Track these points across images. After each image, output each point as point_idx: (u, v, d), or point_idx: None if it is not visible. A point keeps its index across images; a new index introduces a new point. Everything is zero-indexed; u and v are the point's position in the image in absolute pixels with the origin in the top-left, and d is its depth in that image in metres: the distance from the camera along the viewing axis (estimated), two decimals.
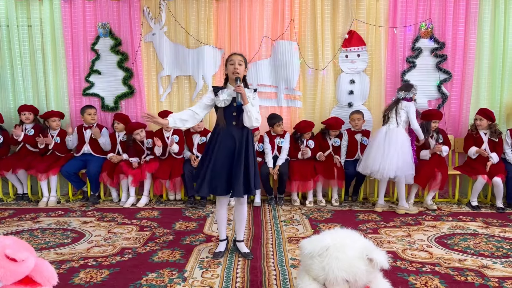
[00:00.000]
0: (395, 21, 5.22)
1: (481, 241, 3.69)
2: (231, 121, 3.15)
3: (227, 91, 3.15)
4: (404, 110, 4.58)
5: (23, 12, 5.35)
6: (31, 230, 4.00)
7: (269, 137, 5.12)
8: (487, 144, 4.90)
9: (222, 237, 3.39)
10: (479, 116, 4.89)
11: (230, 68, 3.13)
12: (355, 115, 5.11)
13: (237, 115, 3.14)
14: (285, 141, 5.09)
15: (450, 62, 5.24)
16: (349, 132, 5.16)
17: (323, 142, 5.17)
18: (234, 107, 3.13)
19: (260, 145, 5.12)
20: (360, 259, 1.83)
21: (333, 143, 5.16)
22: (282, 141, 5.08)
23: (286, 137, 5.11)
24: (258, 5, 5.23)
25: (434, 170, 4.78)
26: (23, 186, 5.21)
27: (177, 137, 5.05)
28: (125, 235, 3.85)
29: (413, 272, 3.01)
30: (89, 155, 5.14)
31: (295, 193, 5.04)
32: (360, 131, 5.14)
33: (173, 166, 4.97)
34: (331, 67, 5.33)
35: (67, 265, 3.11)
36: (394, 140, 4.48)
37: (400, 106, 4.59)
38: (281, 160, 5.02)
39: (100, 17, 5.34)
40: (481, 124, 4.87)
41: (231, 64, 3.13)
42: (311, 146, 5.10)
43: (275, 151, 5.09)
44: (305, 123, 5.11)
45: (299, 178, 4.91)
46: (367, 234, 3.86)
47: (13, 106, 5.48)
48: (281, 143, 5.07)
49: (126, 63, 5.38)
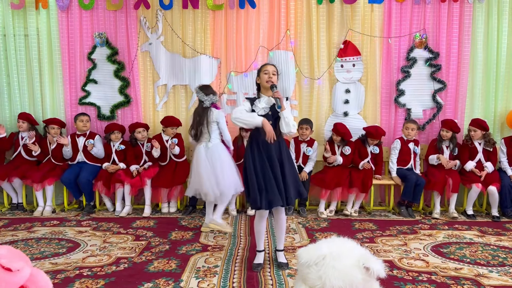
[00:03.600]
0: (390, 31, 5.27)
1: (477, 250, 3.70)
2: None
3: (263, 99, 3.19)
4: (215, 122, 4.15)
5: (20, 21, 5.36)
6: (26, 239, 3.97)
7: (295, 143, 5.07)
8: (481, 154, 4.93)
9: (260, 248, 3.35)
10: (472, 127, 4.92)
11: (264, 77, 3.17)
12: (410, 124, 5.03)
13: (273, 124, 3.14)
14: (313, 151, 5.04)
15: (444, 72, 5.29)
16: (402, 140, 5.09)
17: (362, 149, 5.08)
18: (270, 116, 3.15)
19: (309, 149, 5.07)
20: (357, 268, 1.82)
21: (372, 150, 5.09)
22: (310, 150, 5.03)
23: (314, 147, 5.05)
24: (255, 15, 5.27)
25: (445, 177, 4.84)
26: (17, 196, 5.17)
27: (176, 140, 5.06)
28: (120, 244, 3.83)
29: (409, 281, 3.01)
30: (83, 163, 5.13)
31: (323, 202, 4.93)
32: (412, 140, 5.08)
33: (174, 173, 4.95)
34: (326, 76, 5.37)
35: (62, 275, 3.09)
36: (217, 158, 4.08)
37: (212, 118, 4.12)
38: (309, 167, 4.98)
39: (97, 27, 5.36)
40: (475, 135, 4.90)
41: (265, 74, 3.17)
42: (347, 152, 5.03)
43: (299, 160, 5.03)
44: (343, 127, 5.01)
45: (324, 185, 4.85)
46: (363, 243, 3.86)
47: (9, 115, 5.46)
48: (308, 151, 5.02)
49: (122, 72, 5.39)
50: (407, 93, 5.31)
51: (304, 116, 5.35)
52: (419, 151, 5.12)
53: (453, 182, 4.81)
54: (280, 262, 3.29)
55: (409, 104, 5.33)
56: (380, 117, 5.38)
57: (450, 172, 4.93)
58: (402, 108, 5.35)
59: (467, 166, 4.92)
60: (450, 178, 4.84)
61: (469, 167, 4.90)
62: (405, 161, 5.08)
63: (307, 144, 5.05)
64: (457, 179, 4.85)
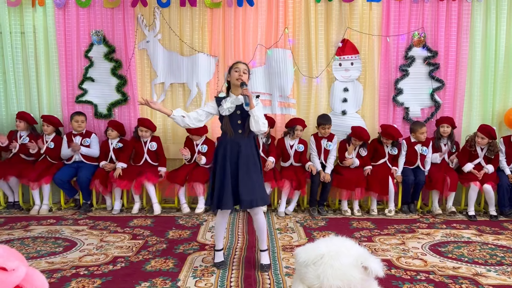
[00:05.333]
0: (388, 30, 5.26)
1: (475, 249, 3.70)
2: (236, 129, 3.12)
3: (230, 99, 3.13)
4: None
5: (16, 19, 5.32)
6: (22, 238, 3.95)
7: (315, 139, 5.05)
8: (482, 159, 4.91)
9: (218, 247, 3.30)
10: (481, 134, 4.78)
11: (234, 75, 3.09)
12: (423, 129, 4.96)
13: (242, 123, 3.11)
14: (333, 145, 5.01)
15: (442, 71, 5.29)
16: (408, 142, 5.06)
17: (379, 148, 5.06)
18: (238, 115, 3.10)
19: (300, 146, 5.05)
20: (355, 267, 1.81)
21: (390, 151, 5.05)
22: (330, 144, 4.99)
23: (334, 141, 5.02)
24: (253, 13, 5.24)
25: (444, 175, 4.84)
26: (14, 194, 5.14)
27: (206, 146, 5.04)
28: (117, 243, 3.81)
29: (407, 280, 3.01)
30: (81, 163, 5.09)
31: (345, 202, 4.92)
32: (419, 142, 5.04)
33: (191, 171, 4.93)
34: (325, 75, 5.35)
35: (58, 274, 3.07)
36: None
37: None
38: (330, 167, 4.95)
39: (94, 24, 5.32)
40: (482, 142, 4.80)
41: (235, 71, 3.10)
42: (363, 154, 5.03)
43: (321, 156, 5.00)
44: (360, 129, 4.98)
45: (344, 186, 4.83)
46: (361, 242, 3.85)
47: (5, 114, 5.43)
48: (329, 146, 4.98)
49: (119, 70, 5.36)
50: (405, 92, 5.30)
51: (302, 114, 5.33)
52: (428, 152, 5.03)
53: (451, 181, 4.81)
54: (261, 263, 3.19)
55: (407, 103, 5.33)
56: (378, 116, 5.37)
57: (448, 171, 4.93)
58: (400, 107, 5.34)
59: (465, 168, 4.88)
60: (448, 177, 4.83)
61: (467, 168, 4.87)
62: (410, 162, 5.07)
63: (327, 139, 5.02)
64: (455, 177, 4.85)
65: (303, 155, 5.08)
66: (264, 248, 3.25)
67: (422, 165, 5.06)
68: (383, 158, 5.06)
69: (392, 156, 5.08)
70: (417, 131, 4.99)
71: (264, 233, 3.25)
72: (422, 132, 4.97)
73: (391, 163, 5.08)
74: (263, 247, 3.25)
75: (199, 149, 5.05)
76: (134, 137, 5.14)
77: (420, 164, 5.05)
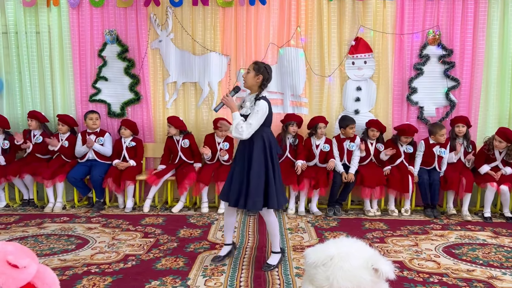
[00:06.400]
0: (402, 27, 5.19)
1: (490, 251, 3.62)
2: None
3: (249, 98, 3.23)
4: None
5: (31, 19, 5.39)
6: (36, 235, 4.00)
7: (337, 141, 5.03)
8: (500, 162, 4.79)
9: (227, 241, 3.38)
10: (499, 137, 4.66)
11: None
12: (443, 130, 4.89)
13: None
14: (356, 145, 4.98)
15: (458, 69, 5.19)
16: (426, 143, 5.00)
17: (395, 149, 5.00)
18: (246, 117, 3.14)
19: (326, 146, 5.02)
20: (365, 269, 1.79)
21: (405, 150, 5.01)
22: (353, 145, 4.97)
23: (356, 142, 4.99)
24: (265, 12, 5.23)
25: (459, 176, 4.76)
26: (29, 192, 5.22)
27: (227, 144, 5.06)
28: (129, 241, 3.83)
29: (420, 282, 2.96)
30: (94, 161, 5.14)
31: (368, 201, 4.89)
32: (438, 143, 4.96)
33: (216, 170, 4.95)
34: (337, 73, 5.31)
35: (70, 272, 3.10)
36: None
37: None
38: (354, 167, 4.91)
39: (107, 24, 5.37)
40: (500, 146, 4.68)
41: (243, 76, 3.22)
42: (381, 149, 5.00)
43: (344, 158, 4.99)
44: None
45: (366, 184, 4.79)
46: (373, 243, 3.81)
47: (20, 112, 5.51)
48: (352, 147, 4.97)
49: (132, 69, 5.39)
50: (419, 91, 5.22)
51: (314, 114, 5.28)
52: (446, 153, 4.96)
53: (466, 182, 4.71)
54: (266, 262, 3.25)
55: (422, 102, 5.25)
56: (392, 115, 5.30)
57: (464, 172, 4.84)
58: (415, 106, 5.26)
59: (481, 170, 4.79)
60: (464, 178, 4.74)
61: (483, 170, 4.77)
62: (427, 162, 4.99)
63: (350, 140, 5.00)
64: (471, 178, 4.75)
65: (328, 155, 5.03)
66: (273, 250, 3.29)
67: (439, 166, 4.98)
68: (400, 158, 5.01)
69: (409, 155, 5.02)
70: (436, 133, 4.91)
71: (274, 236, 3.26)
72: (442, 134, 4.89)
73: (408, 162, 5.02)
74: (273, 249, 3.31)
75: (221, 146, 5.06)
76: (169, 137, 5.19)
77: (437, 166, 4.98)
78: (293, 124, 5.01)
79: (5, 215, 4.75)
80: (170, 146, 5.17)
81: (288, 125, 5.00)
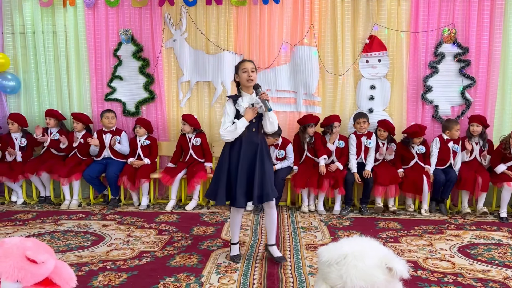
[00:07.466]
0: (417, 25, 5.14)
1: (506, 252, 3.57)
2: (251, 127, 3.17)
3: (245, 98, 3.17)
4: None
5: (48, 19, 5.49)
6: (53, 232, 4.08)
7: (356, 137, 4.99)
8: None
9: (234, 240, 3.40)
10: None
11: (243, 76, 3.12)
12: (456, 125, 4.88)
13: (257, 121, 3.18)
14: (373, 142, 4.96)
15: (474, 68, 5.13)
16: (441, 139, 4.97)
17: (406, 152, 4.96)
18: None
19: (341, 142, 5.01)
20: (379, 268, 1.79)
21: (417, 151, 4.95)
22: (370, 142, 4.95)
23: (373, 139, 4.98)
24: (278, 11, 5.23)
25: (475, 175, 4.71)
26: (45, 189, 5.32)
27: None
28: (143, 238, 3.88)
29: (434, 282, 2.94)
30: (109, 159, 5.21)
31: (379, 198, 4.87)
32: (452, 139, 4.95)
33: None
34: (351, 72, 5.28)
35: (86, 268, 3.15)
36: None
37: None
38: (370, 164, 4.91)
39: (122, 24, 5.43)
40: None
41: (244, 72, 3.12)
42: (394, 148, 4.97)
43: (361, 154, 4.97)
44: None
45: (379, 183, 4.77)
46: (387, 242, 3.79)
47: (37, 111, 5.61)
48: (369, 144, 4.94)
49: (147, 69, 5.45)
50: (434, 90, 5.17)
51: (327, 112, 5.28)
52: (460, 149, 4.92)
53: (482, 181, 4.66)
54: (277, 256, 3.28)
55: (437, 100, 5.19)
56: (407, 114, 5.26)
57: (480, 171, 4.78)
58: (430, 104, 5.21)
59: (498, 169, 4.72)
60: (480, 177, 4.69)
61: (500, 169, 4.71)
62: (443, 160, 4.94)
63: (367, 136, 4.99)
64: (486, 177, 4.69)
65: (343, 152, 5.02)
66: (273, 242, 3.35)
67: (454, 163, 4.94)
68: (413, 160, 4.95)
69: (422, 155, 4.97)
70: (452, 128, 4.88)
71: (275, 227, 3.35)
72: (457, 129, 4.88)
73: (422, 161, 4.97)
74: (272, 241, 3.35)
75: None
76: (181, 134, 5.23)
77: (453, 161, 4.92)
78: (312, 126, 5.00)
79: (22, 211, 4.85)
80: (182, 143, 5.21)
81: (307, 126, 4.97)
